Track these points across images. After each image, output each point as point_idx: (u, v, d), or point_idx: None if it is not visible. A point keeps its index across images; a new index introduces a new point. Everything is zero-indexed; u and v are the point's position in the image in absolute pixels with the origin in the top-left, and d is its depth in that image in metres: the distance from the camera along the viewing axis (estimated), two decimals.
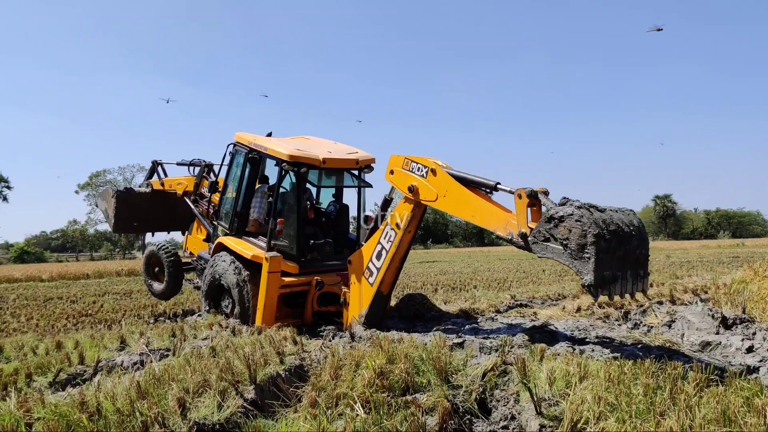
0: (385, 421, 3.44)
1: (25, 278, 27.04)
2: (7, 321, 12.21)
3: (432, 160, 7.36)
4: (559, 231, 5.50)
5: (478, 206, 6.84)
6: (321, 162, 8.75)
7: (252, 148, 9.39)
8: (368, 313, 7.92)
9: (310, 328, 8.41)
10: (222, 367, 4.85)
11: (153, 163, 13.09)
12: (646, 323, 7.92)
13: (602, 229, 5.30)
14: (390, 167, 7.78)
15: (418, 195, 7.40)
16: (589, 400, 3.63)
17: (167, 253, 10.99)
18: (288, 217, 8.99)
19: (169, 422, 3.79)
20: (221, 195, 10.20)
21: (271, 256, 8.34)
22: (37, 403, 4.25)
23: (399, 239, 7.63)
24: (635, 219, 5.87)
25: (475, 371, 4.92)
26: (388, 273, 7.79)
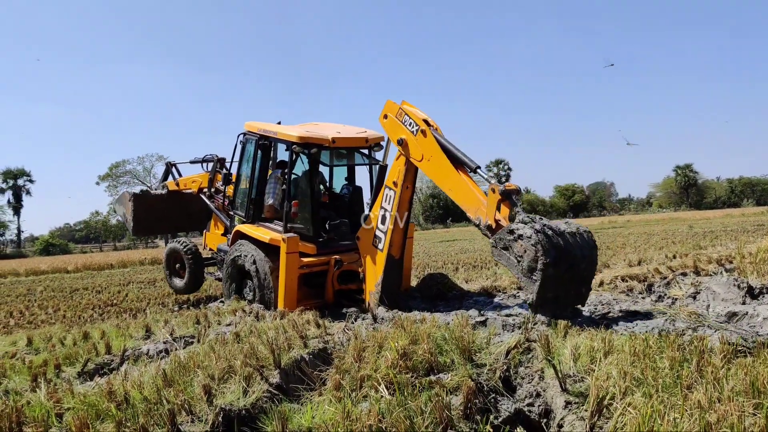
0: (409, 402, 3.43)
1: (51, 270, 27.44)
2: (35, 313, 12.41)
3: (423, 118, 7.51)
4: (516, 247, 5.88)
5: (456, 182, 7.10)
6: (330, 142, 8.82)
7: (262, 135, 9.48)
8: (384, 280, 7.99)
9: (332, 311, 8.44)
10: (246, 352, 4.88)
11: (167, 165, 13.32)
12: (670, 295, 7.84)
13: (555, 256, 5.63)
14: (384, 111, 7.94)
15: (408, 150, 7.57)
16: (614, 376, 3.60)
17: (187, 249, 11.08)
18: (302, 200, 9.08)
19: (195, 409, 3.82)
20: (235, 186, 10.32)
21: (288, 237, 8.41)
22: (67, 394, 4.31)
23: (399, 197, 7.78)
24: (590, 243, 6.16)
25: (498, 349, 4.90)
26: (395, 235, 7.92)
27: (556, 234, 5.83)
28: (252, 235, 9.24)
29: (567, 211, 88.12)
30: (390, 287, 8.06)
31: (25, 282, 22.84)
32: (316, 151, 8.88)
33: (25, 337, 7.16)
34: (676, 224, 37.39)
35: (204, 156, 11.71)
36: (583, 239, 6.06)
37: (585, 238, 6.10)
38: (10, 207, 75.08)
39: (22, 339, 7.12)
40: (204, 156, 11.71)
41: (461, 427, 3.37)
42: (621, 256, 14.29)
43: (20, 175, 75.99)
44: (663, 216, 58.86)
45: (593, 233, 6.49)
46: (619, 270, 10.22)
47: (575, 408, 3.52)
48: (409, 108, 7.72)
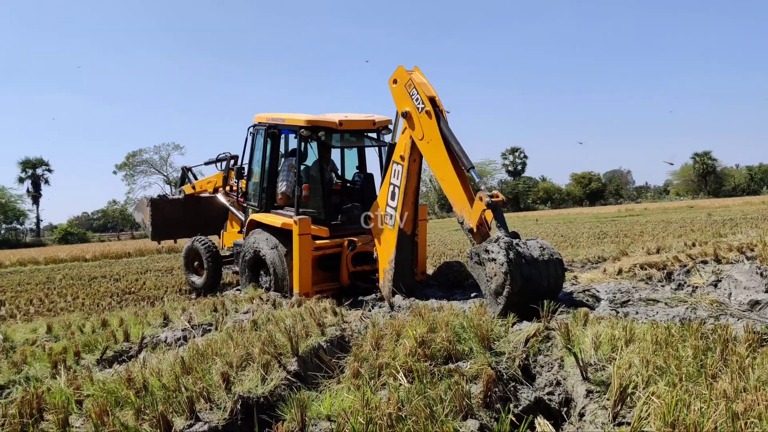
0: (429, 390, 3.41)
1: (70, 258, 27.70)
2: (55, 300, 12.53)
3: (430, 96, 7.41)
4: (488, 267, 6.11)
5: (448, 174, 7.15)
6: (338, 125, 8.95)
7: (271, 124, 9.60)
8: (396, 257, 7.97)
9: (348, 297, 8.44)
10: (264, 340, 4.88)
11: (183, 170, 13.65)
12: (691, 284, 7.73)
13: (521, 287, 5.86)
14: (395, 76, 7.82)
15: (412, 123, 7.53)
16: (636, 364, 3.55)
17: (205, 247, 11.14)
18: (313, 184, 9.15)
19: (214, 396, 3.82)
20: (247, 178, 10.44)
21: (299, 218, 8.48)
22: (86, 381, 4.33)
23: (407, 171, 7.75)
24: (558, 273, 6.32)
25: (517, 337, 4.87)
26: (405, 209, 7.86)
27: (527, 263, 6.03)
28: (265, 222, 9.33)
29: (583, 199, 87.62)
30: (404, 264, 8.06)
31: (44, 270, 23.08)
32: (324, 134, 8.93)
33: (45, 324, 7.22)
34: (694, 212, 37.00)
35: (218, 156, 11.90)
36: (554, 269, 6.26)
37: (555, 268, 6.29)
38: (29, 196, 75.84)
39: (42, 326, 7.17)
40: (218, 156, 11.90)
41: (481, 415, 3.34)
42: (639, 244, 14.15)
43: (39, 164, 76.67)
44: (681, 204, 58.33)
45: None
46: (638, 258, 10.10)
47: (597, 397, 3.47)
48: (419, 80, 7.61)
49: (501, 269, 5.94)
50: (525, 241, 6.40)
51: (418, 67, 7.88)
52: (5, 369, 5.13)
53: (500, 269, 5.95)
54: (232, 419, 3.62)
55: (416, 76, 7.64)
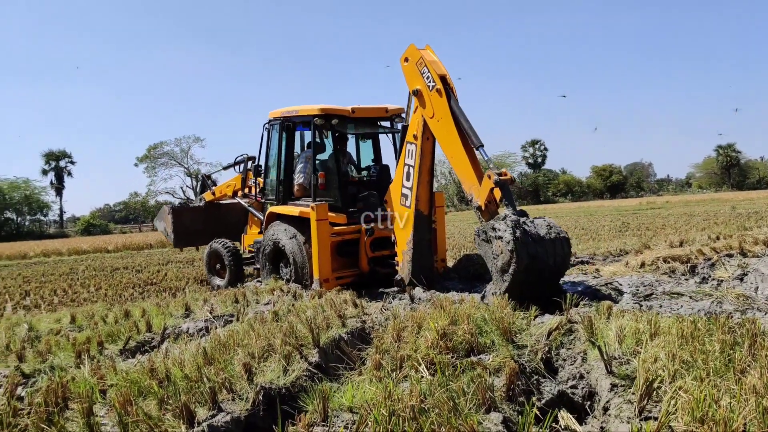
0: (451, 383, 3.38)
1: (92, 250, 28.03)
2: (78, 291, 12.68)
3: (441, 74, 7.36)
4: (495, 245, 6.19)
5: (458, 152, 7.17)
6: (350, 112, 9.10)
7: (285, 118, 9.70)
8: (414, 238, 7.99)
9: (369, 288, 8.44)
10: (285, 331, 4.89)
11: (202, 178, 13.89)
12: (715, 277, 7.62)
13: (527, 265, 5.91)
14: (406, 54, 7.78)
15: (423, 101, 7.52)
16: (662, 358, 3.49)
17: (227, 249, 11.22)
18: (329, 173, 9.22)
19: (236, 387, 3.83)
20: (264, 175, 10.53)
21: (316, 204, 8.56)
22: (110, 371, 4.37)
23: (420, 149, 7.75)
24: (565, 251, 6.33)
25: (539, 330, 4.82)
26: (421, 189, 7.86)
27: (534, 241, 6.05)
28: (283, 213, 9.43)
29: (604, 192, 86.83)
30: (421, 244, 8.08)
31: (67, 261, 23.38)
32: (337, 121, 9.02)
33: (69, 314, 7.30)
34: (717, 205, 36.50)
35: (235, 158, 11.96)
36: (560, 247, 6.27)
37: (562, 246, 6.30)
38: (53, 188, 76.79)
39: (66, 316, 7.26)
40: (235, 158, 11.96)
41: (504, 408, 3.31)
42: (662, 237, 14.00)
43: (62, 156, 77.63)
44: (704, 197, 57.57)
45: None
46: (661, 251, 9.98)
47: (621, 391, 3.43)
48: (431, 58, 7.56)
49: (507, 247, 5.98)
50: (532, 219, 6.39)
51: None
52: (30, 358, 5.20)
53: (506, 247, 5.99)
54: (254, 410, 3.63)
55: (427, 55, 7.59)
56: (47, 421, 3.41)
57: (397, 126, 9.78)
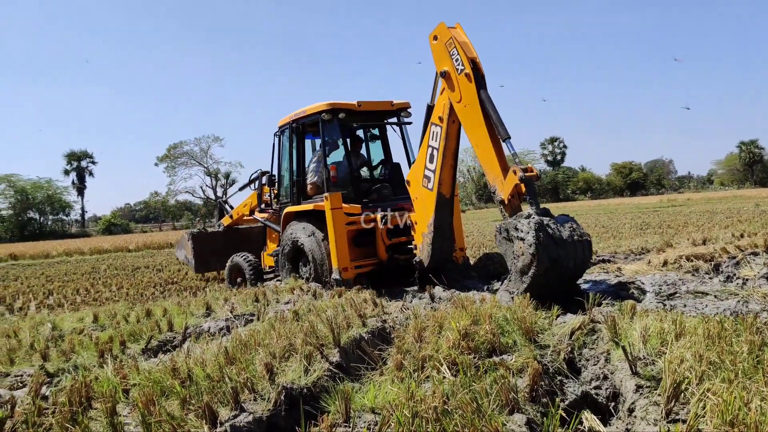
0: (474, 384, 3.35)
1: (113, 249, 28.32)
2: (100, 290, 12.81)
3: (472, 58, 7.05)
4: (516, 245, 6.10)
5: (483, 141, 6.96)
6: (357, 106, 9.25)
7: (293, 120, 9.86)
8: (435, 221, 7.93)
9: (389, 289, 8.42)
10: (306, 331, 4.88)
11: (219, 204, 14.05)
12: (741, 276, 7.49)
13: (548, 267, 5.83)
14: (435, 33, 7.42)
15: (451, 83, 7.26)
16: (689, 359, 3.44)
17: (248, 263, 11.28)
18: (340, 165, 9.35)
19: (257, 387, 3.82)
20: (278, 182, 10.66)
21: (329, 194, 8.63)
22: (132, 370, 4.39)
23: (445, 132, 7.55)
24: (586, 254, 6.25)
25: (561, 330, 4.77)
26: (444, 172, 7.71)
27: (556, 243, 5.96)
28: (298, 210, 9.56)
29: (624, 189, 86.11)
30: (443, 228, 8.05)
31: (89, 260, 23.63)
32: (344, 115, 9.18)
33: (92, 313, 7.36)
34: (740, 202, 36.01)
35: (249, 177, 12.26)
36: (581, 250, 6.19)
37: (584, 250, 6.23)
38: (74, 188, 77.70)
39: (89, 315, 7.32)
40: (249, 177, 12.26)
41: (527, 409, 3.28)
42: (684, 235, 13.82)
43: (83, 156, 78.55)
44: (726, 194, 56.84)
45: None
46: (683, 249, 9.85)
47: (647, 392, 3.37)
48: (461, 39, 7.21)
49: (529, 250, 5.90)
50: (555, 219, 6.31)
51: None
52: (54, 357, 5.24)
53: (528, 249, 5.91)
54: (276, 410, 3.62)
55: (458, 34, 7.25)
56: (71, 420, 3.44)
57: (403, 119, 9.98)
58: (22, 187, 69.32)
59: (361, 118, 9.86)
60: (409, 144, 10.06)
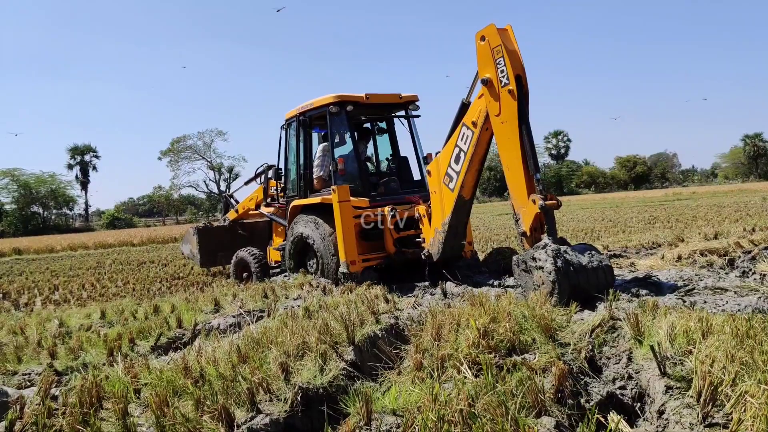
0: (499, 385, 3.24)
1: (118, 243, 28.27)
2: (106, 285, 12.72)
3: (518, 74, 6.61)
4: (536, 275, 6.01)
5: (514, 162, 6.70)
6: (365, 98, 9.12)
7: (300, 113, 9.76)
8: (451, 221, 7.78)
9: (399, 285, 8.32)
10: (320, 328, 4.77)
11: (225, 198, 13.92)
12: (758, 271, 7.36)
13: (570, 295, 5.68)
14: (484, 33, 6.86)
15: (491, 93, 6.85)
16: (720, 359, 3.32)
17: (254, 257, 11.18)
18: (348, 158, 9.22)
19: (273, 387, 3.72)
20: (285, 175, 10.56)
21: (337, 186, 8.52)
22: (143, 369, 4.29)
23: (476, 138, 7.27)
24: (608, 281, 6.08)
25: (580, 328, 4.65)
26: (468, 176, 7.49)
27: (575, 271, 5.86)
28: (305, 203, 9.46)
29: (628, 183, 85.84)
30: (457, 227, 7.92)
31: (94, 255, 23.57)
32: (352, 108, 9.04)
33: (99, 309, 7.27)
34: (746, 196, 35.83)
35: (255, 171, 12.14)
36: (603, 276, 6.07)
37: (605, 275, 6.10)
38: (78, 182, 77.70)
39: (96, 312, 7.23)
40: (255, 171, 12.14)
41: (554, 411, 3.16)
42: (694, 230, 13.70)
43: (87, 151, 78.51)
44: (731, 187, 56.63)
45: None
46: (696, 244, 9.74)
47: (677, 393, 3.25)
48: (511, 47, 6.68)
49: (549, 278, 5.80)
50: (573, 246, 6.22)
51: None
52: (63, 355, 5.14)
53: (548, 278, 5.81)
54: (292, 411, 3.51)
55: (508, 41, 6.73)
56: (83, 422, 3.34)
57: (411, 113, 9.89)
58: (25, 181, 69.34)
59: (368, 111, 9.77)
60: (417, 137, 9.96)
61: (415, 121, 9.96)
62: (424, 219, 8.37)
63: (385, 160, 10.60)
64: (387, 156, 10.60)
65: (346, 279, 8.26)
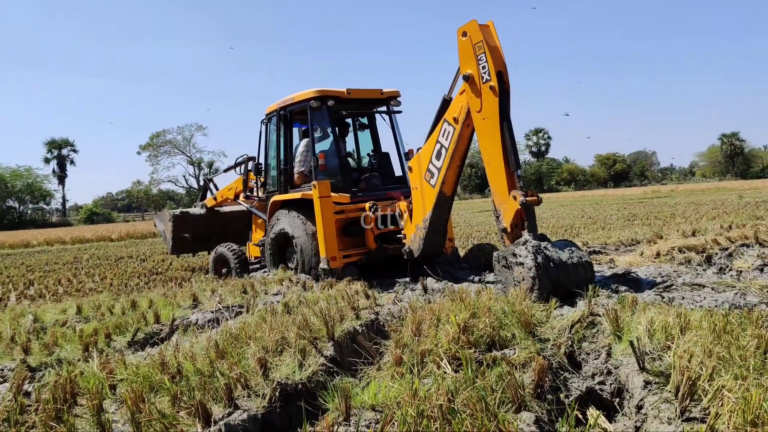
0: (478, 380, 3.23)
1: (95, 238, 27.94)
2: (83, 280, 12.56)
3: (499, 70, 6.59)
4: (516, 271, 6.01)
5: (495, 159, 6.70)
6: (346, 93, 9.09)
7: (281, 107, 9.68)
8: (432, 217, 7.76)
9: (380, 281, 8.29)
10: (299, 324, 4.74)
11: (205, 181, 13.73)
12: (734, 268, 7.45)
13: (550, 290, 5.69)
14: (465, 29, 6.81)
15: (472, 89, 6.82)
16: (698, 354, 3.33)
17: (234, 253, 11.07)
18: (329, 153, 9.17)
19: (251, 383, 3.68)
20: (265, 170, 10.47)
21: (318, 181, 8.46)
22: (119, 365, 4.23)
23: (458, 134, 7.24)
24: (588, 276, 6.10)
25: (560, 323, 4.66)
26: (449, 172, 7.48)
27: (556, 266, 5.87)
28: (285, 199, 9.39)
29: (608, 181, 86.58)
30: (438, 224, 7.91)
31: (71, 250, 23.27)
32: (332, 103, 9.02)
33: (75, 305, 7.16)
34: (723, 194, 36.30)
35: (236, 160, 11.84)
36: (582, 272, 6.07)
37: (585, 271, 6.11)
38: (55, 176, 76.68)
39: (72, 307, 7.12)
40: (236, 160, 11.84)
41: (533, 406, 3.16)
42: (673, 227, 13.84)
43: (64, 144, 77.48)
44: (709, 185, 57.35)
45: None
46: (675, 241, 9.81)
47: (656, 388, 3.26)
48: (492, 43, 6.66)
49: (529, 273, 5.80)
50: (554, 243, 6.22)
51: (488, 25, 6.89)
52: (36, 351, 5.06)
53: (528, 273, 5.81)
54: (271, 407, 3.47)
55: (489, 37, 6.69)
56: (56, 418, 3.27)
57: (393, 108, 9.84)
58: (0, 175, 68.31)
59: (350, 105, 9.72)
60: (398, 133, 9.93)
61: (396, 117, 9.93)
62: (405, 215, 8.34)
63: (367, 156, 10.56)
64: (368, 152, 10.55)
65: (327, 275, 8.21)
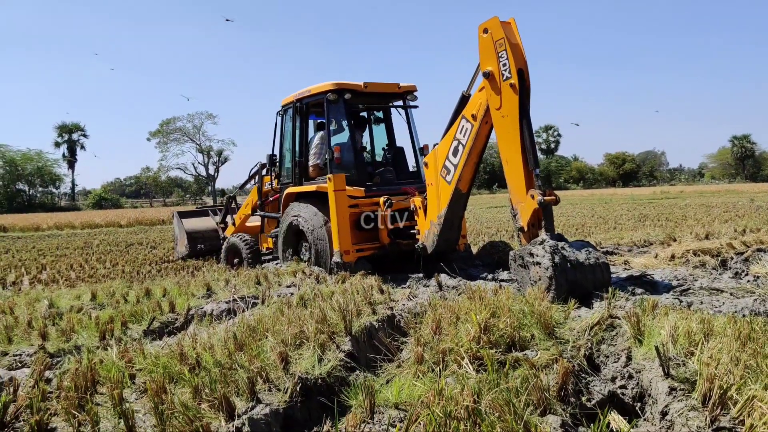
0: (502, 382, 3.21)
1: (105, 224, 28.01)
2: (95, 266, 12.58)
3: (520, 67, 6.54)
4: (533, 271, 5.97)
5: (514, 159, 6.65)
6: (363, 87, 9.05)
7: (297, 99, 9.62)
8: (447, 213, 7.73)
9: (394, 276, 8.27)
10: (317, 318, 4.73)
11: (227, 200, 13.70)
12: (751, 273, 7.40)
13: (567, 291, 5.68)
14: (487, 26, 6.76)
15: (492, 86, 6.78)
16: (725, 362, 3.30)
17: (246, 243, 11.05)
18: (344, 147, 9.14)
19: (271, 376, 3.67)
20: (280, 163, 10.42)
21: (333, 174, 8.46)
22: (138, 354, 4.22)
23: (476, 132, 7.21)
24: (605, 278, 6.06)
25: (579, 325, 4.63)
26: (466, 170, 7.45)
27: (573, 267, 5.84)
28: (300, 191, 9.38)
29: (616, 180, 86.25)
30: (453, 221, 7.89)
31: (81, 235, 23.35)
32: (350, 96, 8.99)
33: (89, 291, 7.17)
34: (734, 196, 36.07)
35: (249, 172, 11.76)
36: (600, 273, 6.04)
37: (602, 272, 6.07)
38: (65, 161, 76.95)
39: (86, 293, 7.13)
40: (249, 172, 11.76)
41: (558, 409, 3.14)
42: (685, 229, 13.75)
43: (75, 129, 77.71)
44: (719, 188, 57.03)
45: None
46: (689, 244, 9.76)
47: (681, 395, 3.23)
48: (514, 40, 6.59)
49: (546, 273, 5.77)
50: (571, 244, 6.19)
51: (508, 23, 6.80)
52: (54, 337, 5.06)
53: (545, 273, 5.78)
54: (292, 401, 3.47)
55: (511, 35, 6.63)
56: (78, 407, 3.27)
57: (409, 103, 9.81)
58: (11, 158, 68.54)
59: (366, 99, 9.69)
60: (413, 128, 9.89)
61: (412, 112, 9.89)
62: (419, 211, 8.31)
63: (381, 150, 10.53)
64: (383, 146, 10.52)
65: (339, 268, 8.20)
